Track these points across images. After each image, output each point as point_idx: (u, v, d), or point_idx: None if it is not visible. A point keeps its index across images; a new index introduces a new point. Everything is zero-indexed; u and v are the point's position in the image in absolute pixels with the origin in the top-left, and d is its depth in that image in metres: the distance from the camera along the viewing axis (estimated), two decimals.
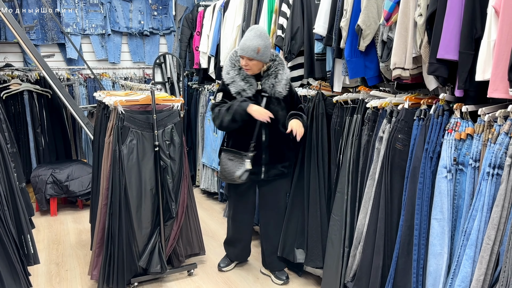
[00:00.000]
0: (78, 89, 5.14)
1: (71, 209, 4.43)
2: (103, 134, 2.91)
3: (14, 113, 4.61)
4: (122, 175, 2.67)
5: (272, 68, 2.70)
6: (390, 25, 2.14)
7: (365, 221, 2.37)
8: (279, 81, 2.68)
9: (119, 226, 2.66)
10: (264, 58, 2.64)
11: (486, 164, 1.74)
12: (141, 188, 2.75)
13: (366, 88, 2.55)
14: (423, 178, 2.01)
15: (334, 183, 2.68)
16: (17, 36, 3.82)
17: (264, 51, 2.61)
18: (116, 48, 5.57)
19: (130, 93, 3.28)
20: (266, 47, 2.61)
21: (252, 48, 2.57)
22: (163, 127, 2.81)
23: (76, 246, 3.55)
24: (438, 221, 1.94)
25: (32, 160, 4.69)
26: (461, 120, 1.92)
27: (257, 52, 2.58)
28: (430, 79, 2.09)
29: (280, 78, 2.69)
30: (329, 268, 2.63)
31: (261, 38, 2.59)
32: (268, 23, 3.54)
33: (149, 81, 5.58)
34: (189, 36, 5.35)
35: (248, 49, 2.58)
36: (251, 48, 2.57)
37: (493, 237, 1.69)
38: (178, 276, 3.02)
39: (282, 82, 2.70)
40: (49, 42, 5.14)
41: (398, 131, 2.18)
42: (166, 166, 2.81)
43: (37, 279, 2.98)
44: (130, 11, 5.55)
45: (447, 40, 1.82)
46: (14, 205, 2.62)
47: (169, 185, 2.82)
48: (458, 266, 1.83)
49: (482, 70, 1.71)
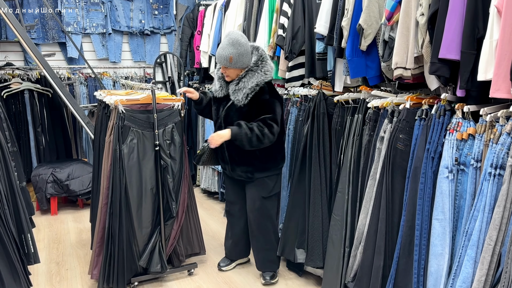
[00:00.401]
0: (79, 88, 5.14)
1: (72, 208, 4.43)
2: (103, 133, 2.91)
3: (14, 112, 4.61)
4: (123, 174, 2.67)
5: (243, 74, 2.68)
6: (392, 25, 2.13)
7: (366, 221, 2.37)
8: (239, 89, 2.67)
9: (119, 226, 2.66)
10: (240, 65, 2.64)
11: (488, 165, 1.73)
12: (141, 188, 2.75)
13: (367, 88, 2.54)
14: (424, 178, 2.01)
15: (335, 183, 2.68)
16: (18, 35, 3.82)
17: (237, 59, 2.62)
18: (117, 47, 5.57)
19: (131, 92, 3.27)
20: (239, 55, 2.61)
21: (224, 57, 2.62)
22: (163, 127, 2.81)
23: (77, 245, 3.55)
24: (439, 221, 1.93)
25: (33, 159, 4.70)
26: (463, 120, 1.91)
27: (230, 61, 2.62)
28: (431, 79, 2.09)
29: (242, 86, 2.65)
30: (329, 268, 2.62)
31: (233, 47, 2.60)
32: (269, 22, 3.53)
33: (149, 80, 5.57)
34: (190, 35, 5.35)
35: (221, 58, 2.64)
36: (224, 57, 2.62)
37: (494, 237, 1.68)
38: (179, 275, 3.02)
39: (244, 90, 2.65)
40: (50, 41, 5.14)
41: (400, 131, 2.17)
42: (166, 166, 2.81)
43: (37, 278, 2.98)
44: (131, 10, 5.54)
45: (449, 40, 1.81)
46: (14, 204, 2.62)
47: (169, 184, 2.82)
48: (459, 266, 1.82)
49: (484, 70, 1.70)
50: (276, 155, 2.81)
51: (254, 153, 2.72)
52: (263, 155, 2.74)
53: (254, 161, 2.75)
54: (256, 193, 2.83)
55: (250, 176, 2.78)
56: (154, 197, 2.81)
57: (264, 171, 2.78)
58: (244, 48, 2.63)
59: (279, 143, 2.80)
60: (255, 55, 2.70)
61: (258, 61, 2.68)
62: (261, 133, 2.59)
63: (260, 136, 2.59)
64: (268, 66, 2.71)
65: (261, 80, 2.66)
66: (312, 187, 2.78)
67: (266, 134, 2.60)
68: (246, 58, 2.65)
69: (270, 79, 2.73)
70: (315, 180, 2.77)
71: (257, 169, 2.77)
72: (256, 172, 2.77)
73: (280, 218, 3.27)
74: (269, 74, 2.70)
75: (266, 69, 2.69)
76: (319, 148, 2.77)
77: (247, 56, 2.65)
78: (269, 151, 2.74)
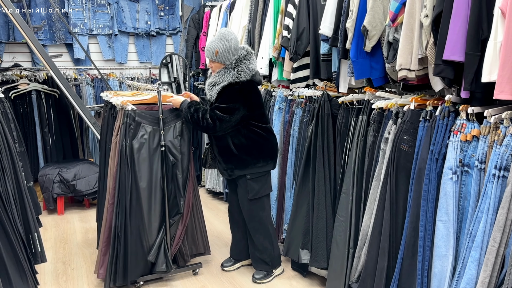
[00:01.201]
0: (85, 89, 5.18)
1: (78, 208, 4.47)
2: (110, 134, 2.93)
3: (22, 113, 4.65)
4: (129, 173, 2.68)
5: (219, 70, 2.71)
6: (396, 26, 2.14)
7: (370, 222, 2.37)
8: (213, 85, 2.72)
9: (128, 224, 2.68)
10: (224, 59, 2.69)
11: (492, 166, 1.73)
12: (151, 183, 2.77)
13: (372, 89, 2.54)
14: (428, 180, 2.01)
15: (339, 184, 2.68)
16: (25, 36, 3.86)
17: (223, 53, 2.67)
18: (123, 48, 5.61)
19: (137, 93, 3.30)
20: (225, 50, 2.67)
21: (211, 50, 2.71)
22: (174, 122, 2.84)
23: (83, 244, 3.58)
24: (443, 222, 1.93)
25: (40, 159, 4.74)
26: (467, 121, 1.91)
27: (215, 55, 2.69)
28: (436, 80, 2.09)
29: (215, 82, 2.70)
30: (333, 269, 2.63)
31: (220, 41, 2.68)
32: (274, 24, 3.55)
33: (155, 81, 5.60)
34: (196, 36, 5.37)
35: (208, 51, 2.74)
36: (210, 50, 2.73)
37: (498, 239, 1.68)
38: (183, 275, 3.04)
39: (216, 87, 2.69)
40: (57, 42, 5.18)
41: (404, 132, 2.17)
42: (176, 162, 2.84)
43: (44, 277, 3.01)
44: (137, 11, 5.58)
45: (453, 41, 1.81)
46: (21, 204, 2.65)
47: (179, 180, 2.84)
48: (463, 268, 1.82)
49: (488, 72, 1.70)
50: (255, 153, 2.78)
51: (231, 151, 2.76)
52: (241, 152, 2.76)
53: (232, 159, 2.78)
54: (241, 195, 2.87)
55: (231, 173, 2.82)
56: (163, 192, 2.83)
57: (242, 168, 2.79)
58: (231, 44, 2.68)
59: (259, 144, 2.78)
60: (237, 55, 2.70)
61: (236, 61, 2.69)
62: (201, 115, 2.66)
63: (200, 117, 2.66)
64: (244, 67, 2.68)
65: (233, 79, 2.66)
66: (316, 188, 2.79)
67: (206, 118, 2.64)
68: (231, 54, 2.69)
69: (244, 80, 2.67)
70: (320, 181, 2.77)
71: (236, 166, 2.79)
72: (235, 169, 2.80)
73: (285, 219, 3.29)
74: (242, 74, 2.67)
75: (241, 69, 2.67)
76: (324, 149, 2.78)
77: (234, 53, 2.69)
78: (246, 149, 2.76)
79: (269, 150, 2.85)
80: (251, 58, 2.74)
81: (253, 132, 2.76)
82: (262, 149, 2.80)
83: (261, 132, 2.78)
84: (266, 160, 2.83)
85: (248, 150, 2.76)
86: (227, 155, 2.79)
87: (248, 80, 2.70)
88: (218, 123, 2.64)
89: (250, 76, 2.70)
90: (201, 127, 2.70)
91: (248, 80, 2.69)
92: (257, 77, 2.79)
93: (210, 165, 3.00)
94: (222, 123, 2.65)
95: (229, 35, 2.69)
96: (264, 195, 2.88)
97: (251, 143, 2.76)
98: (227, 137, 2.74)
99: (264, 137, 2.80)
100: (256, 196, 2.83)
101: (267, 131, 2.84)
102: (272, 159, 2.87)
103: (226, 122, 2.65)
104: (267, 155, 2.83)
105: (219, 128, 2.66)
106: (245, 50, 2.73)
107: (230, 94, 2.67)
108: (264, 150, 2.81)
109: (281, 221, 3.35)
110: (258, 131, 2.77)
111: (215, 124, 2.64)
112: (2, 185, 2.40)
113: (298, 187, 2.95)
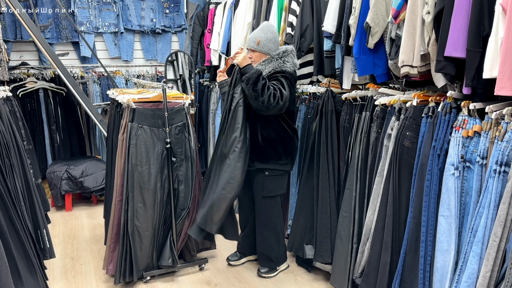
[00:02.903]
0: (92, 86, 5.22)
1: (86, 205, 4.52)
2: (116, 131, 2.97)
3: (30, 111, 4.71)
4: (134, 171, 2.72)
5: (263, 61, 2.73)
6: (398, 23, 2.15)
7: (374, 217, 2.39)
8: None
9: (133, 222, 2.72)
10: (266, 49, 2.73)
11: (493, 162, 1.74)
12: (157, 180, 2.80)
13: (375, 85, 2.56)
14: (430, 176, 2.02)
15: (343, 180, 2.70)
16: (32, 35, 3.91)
17: (264, 43, 2.71)
18: (129, 46, 5.64)
19: (143, 91, 3.33)
20: (267, 40, 2.71)
21: (253, 39, 2.75)
22: (178, 121, 2.88)
23: (91, 241, 3.63)
24: (445, 218, 1.95)
25: (48, 156, 4.80)
26: (469, 117, 1.92)
27: (257, 44, 2.73)
28: (438, 77, 2.10)
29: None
30: (337, 264, 2.65)
31: (263, 31, 2.74)
32: (277, 21, 3.56)
33: (161, 78, 5.64)
34: (201, 33, 5.39)
35: (250, 41, 2.77)
36: (252, 40, 2.76)
37: (499, 234, 1.70)
38: (190, 270, 3.08)
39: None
40: (64, 40, 5.23)
41: (406, 128, 2.19)
42: (181, 160, 2.87)
43: (52, 272, 3.06)
44: (142, 9, 5.60)
45: (455, 38, 1.82)
46: (30, 200, 2.70)
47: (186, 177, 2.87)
48: (465, 262, 1.84)
49: (490, 68, 1.71)
50: (279, 149, 2.80)
51: (257, 141, 2.76)
52: (266, 145, 2.77)
53: (256, 149, 2.77)
54: (256, 190, 2.89)
55: (250, 164, 2.78)
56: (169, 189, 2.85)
57: (263, 162, 2.80)
58: (273, 35, 2.75)
59: (284, 140, 2.80)
60: (283, 49, 2.77)
61: (283, 52, 2.74)
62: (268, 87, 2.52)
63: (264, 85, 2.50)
64: (290, 59, 2.74)
65: (278, 66, 2.69)
66: (320, 184, 2.81)
67: (271, 90, 2.51)
68: (273, 45, 2.74)
69: (290, 70, 2.71)
70: (323, 177, 2.79)
71: (258, 158, 2.80)
72: (256, 161, 2.80)
73: (289, 215, 3.31)
74: (288, 64, 2.71)
75: (286, 60, 2.72)
76: (327, 145, 2.79)
77: (275, 44, 2.75)
78: (272, 143, 2.78)
79: (292, 150, 2.88)
80: (295, 55, 2.81)
81: (282, 127, 2.78)
82: (286, 147, 2.82)
83: (289, 130, 2.81)
84: (287, 159, 2.85)
85: (274, 145, 2.79)
86: (252, 145, 2.75)
87: (292, 71, 2.74)
88: (279, 96, 2.53)
89: (293, 69, 2.76)
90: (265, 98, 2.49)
91: (292, 72, 2.74)
92: (296, 75, 2.83)
93: None
94: (283, 98, 2.55)
95: (271, 27, 2.76)
96: (278, 194, 2.91)
97: (278, 138, 2.77)
98: (257, 127, 2.75)
99: (290, 135, 2.83)
100: (270, 194, 2.86)
101: (294, 131, 2.87)
102: (292, 160, 2.90)
103: (285, 99, 2.57)
104: (289, 154, 2.86)
105: (278, 101, 2.52)
106: (291, 47, 2.81)
107: (279, 79, 2.62)
108: (287, 148, 2.83)
109: (286, 217, 3.37)
110: (286, 128, 2.80)
111: (275, 97, 2.51)
112: (11, 182, 2.44)
113: (302, 183, 2.97)
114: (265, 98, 2.50)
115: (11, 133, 2.66)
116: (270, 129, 2.76)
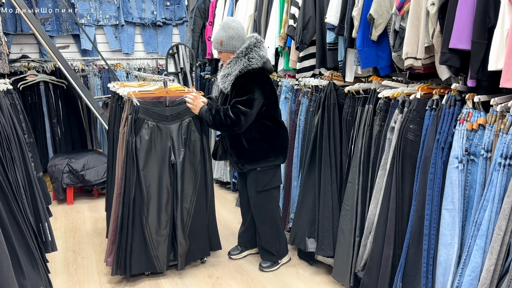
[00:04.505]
0: (93, 79, 5.21)
1: (87, 198, 4.52)
2: (117, 124, 2.95)
3: (30, 104, 4.70)
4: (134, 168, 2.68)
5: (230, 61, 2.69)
6: (403, 15, 2.13)
7: (376, 211, 2.38)
8: (225, 76, 2.69)
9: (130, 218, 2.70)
10: (230, 48, 2.69)
11: (498, 155, 1.73)
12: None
13: (378, 78, 2.53)
14: (434, 169, 2.01)
15: (346, 173, 2.69)
16: (32, 28, 3.88)
17: (227, 42, 2.67)
18: (130, 39, 5.62)
19: (144, 83, 3.31)
20: (229, 38, 2.67)
21: (216, 40, 2.72)
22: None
23: (92, 234, 3.63)
24: (449, 211, 1.94)
25: (49, 150, 4.79)
26: (473, 110, 1.90)
27: (220, 44, 2.70)
28: (442, 69, 2.08)
29: (227, 73, 2.67)
30: (340, 257, 2.65)
31: (223, 30, 2.69)
32: (280, 13, 3.53)
33: (162, 71, 5.61)
34: (202, 26, 5.36)
35: (214, 42, 2.76)
36: (215, 41, 2.74)
37: (504, 227, 1.69)
38: (191, 263, 3.08)
39: (229, 78, 2.67)
40: (64, 33, 5.21)
41: (410, 121, 2.17)
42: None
43: (54, 265, 3.06)
44: (143, 1, 5.57)
45: (460, 30, 1.80)
46: (32, 194, 2.70)
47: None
48: (468, 256, 1.83)
49: (495, 60, 1.69)
50: (267, 148, 2.77)
51: (242, 145, 2.76)
52: (252, 147, 2.76)
53: (244, 153, 2.78)
54: (250, 187, 2.88)
55: (241, 167, 2.83)
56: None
57: (253, 162, 2.79)
58: (235, 31, 2.68)
59: (269, 138, 2.78)
60: (247, 43, 2.69)
61: (246, 48, 2.67)
62: (223, 114, 2.59)
63: (222, 117, 2.59)
64: (255, 54, 2.66)
65: (244, 67, 2.64)
66: (322, 177, 2.80)
67: (229, 115, 2.58)
68: (237, 42, 2.68)
69: (256, 67, 2.65)
70: (326, 170, 2.78)
71: (246, 160, 2.80)
72: (246, 164, 2.80)
73: (292, 208, 3.31)
74: (254, 61, 2.65)
75: (252, 56, 2.65)
76: (330, 138, 2.78)
77: (239, 40, 2.68)
78: (257, 143, 2.76)
79: (280, 145, 2.84)
80: (261, 45, 2.73)
81: (265, 126, 2.76)
82: (273, 144, 2.80)
83: (273, 126, 2.78)
84: (276, 155, 2.83)
85: (259, 145, 2.77)
86: (239, 150, 2.78)
87: (260, 67, 2.68)
88: (243, 118, 2.59)
89: (261, 63, 2.69)
90: (226, 126, 2.62)
91: (259, 68, 2.68)
92: (268, 65, 2.77)
93: (220, 157, 3.00)
94: (247, 117, 2.60)
95: (231, 23, 2.69)
96: (273, 187, 2.89)
97: (262, 137, 2.76)
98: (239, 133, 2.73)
99: (275, 131, 2.80)
100: (265, 188, 2.84)
101: (279, 125, 2.83)
102: (282, 154, 2.87)
103: (249, 115, 2.62)
104: (278, 150, 2.83)
105: (244, 122, 2.61)
106: (255, 38, 2.72)
107: (245, 85, 2.63)
108: (275, 145, 2.81)
109: (288, 210, 3.37)
110: (270, 125, 2.77)
111: (240, 120, 2.59)
112: (12, 175, 2.43)
113: (305, 177, 2.96)
114: (229, 124, 2.61)
115: (12, 126, 2.65)
116: (253, 131, 2.73)
